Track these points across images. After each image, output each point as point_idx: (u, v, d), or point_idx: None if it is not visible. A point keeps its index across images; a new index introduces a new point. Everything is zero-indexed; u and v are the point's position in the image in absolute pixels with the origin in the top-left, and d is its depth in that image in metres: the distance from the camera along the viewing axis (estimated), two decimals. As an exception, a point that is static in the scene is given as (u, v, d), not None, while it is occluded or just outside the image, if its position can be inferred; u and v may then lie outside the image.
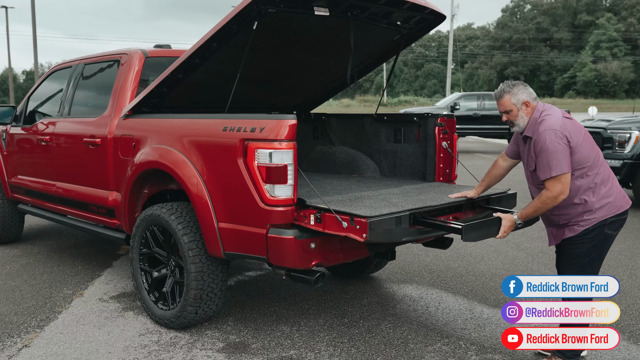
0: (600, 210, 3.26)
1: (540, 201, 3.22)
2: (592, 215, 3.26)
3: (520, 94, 3.34)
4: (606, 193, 3.27)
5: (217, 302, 3.92)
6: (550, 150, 3.15)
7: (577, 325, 3.18)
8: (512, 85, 3.37)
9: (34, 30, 34.91)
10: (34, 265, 5.68)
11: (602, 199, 3.26)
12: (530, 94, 3.36)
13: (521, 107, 3.34)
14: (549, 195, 3.18)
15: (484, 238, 3.50)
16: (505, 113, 3.40)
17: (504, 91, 3.37)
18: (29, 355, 3.69)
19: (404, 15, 4.32)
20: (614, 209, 3.29)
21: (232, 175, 3.50)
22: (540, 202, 3.22)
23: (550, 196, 3.17)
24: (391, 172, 4.95)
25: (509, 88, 3.36)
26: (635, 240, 6.69)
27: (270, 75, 4.91)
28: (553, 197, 3.17)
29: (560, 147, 3.14)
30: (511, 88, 3.36)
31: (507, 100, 3.36)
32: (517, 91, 3.35)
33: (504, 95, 3.37)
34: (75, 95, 5.31)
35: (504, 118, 3.42)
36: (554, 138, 3.15)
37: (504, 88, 3.38)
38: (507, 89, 3.36)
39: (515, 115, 3.36)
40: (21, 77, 76.09)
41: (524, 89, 3.36)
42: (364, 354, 3.69)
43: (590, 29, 69.54)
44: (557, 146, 3.14)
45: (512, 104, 3.34)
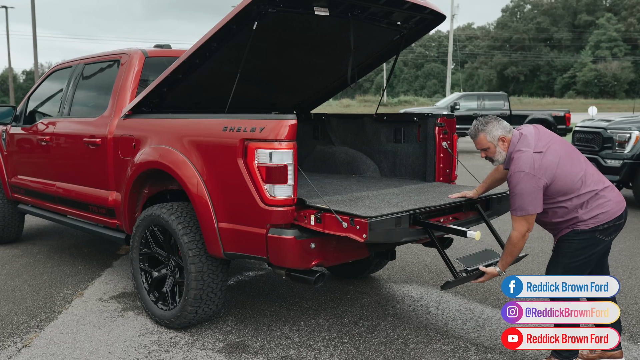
0: (591, 220, 3.23)
1: (511, 244, 3.27)
2: (583, 224, 3.24)
3: (495, 131, 3.35)
4: (597, 204, 3.23)
5: (217, 302, 3.92)
6: (517, 192, 3.18)
7: (568, 325, 3.17)
8: (485, 123, 3.38)
9: (34, 30, 34.91)
10: (34, 265, 5.68)
11: (593, 210, 3.22)
12: (504, 128, 3.37)
13: (497, 143, 3.36)
14: (516, 235, 3.23)
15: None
16: (482, 150, 3.43)
17: (478, 130, 3.39)
18: (29, 355, 3.69)
19: (404, 15, 4.32)
20: (607, 216, 3.25)
21: (232, 175, 3.50)
22: (511, 245, 3.27)
23: (518, 235, 3.22)
24: (391, 172, 4.95)
25: (482, 126, 3.38)
26: (635, 240, 6.69)
27: (270, 75, 4.91)
28: (521, 236, 3.22)
29: (527, 190, 3.15)
30: (485, 126, 3.37)
31: (483, 138, 3.38)
32: (491, 128, 3.36)
33: (479, 134, 3.39)
34: (75, 95, 5.31)
35: (482, 155, 3.46)
36: (522, 180, 3.16)
37: (478, 127, 3.39)
38: (481, 128, 3.38)
39: (493, 152, 3.39)
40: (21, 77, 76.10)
41: (497, 124, 3.37)
42: (364, 354, 3.69)
43: (590, 29, 69.53)
44: (525, 189, 3.15)
45: (489, 141, 3.37)
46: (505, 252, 3.35)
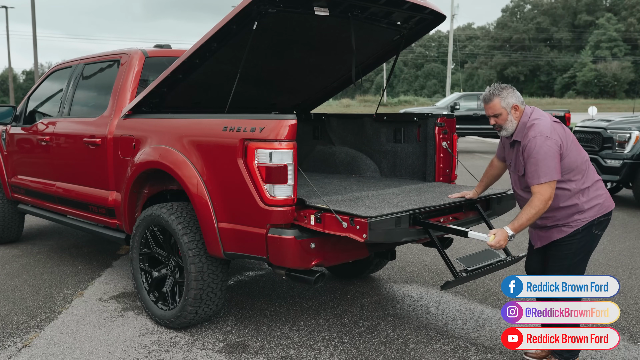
0: (590, 211, 3.24)
1: (532, 206, 3.14)
2: (581, 216, 3.24)
3: (510, 98, 3.29)
4: (595, 194, 3.27)
5: (217, 302, 3.92)
6: (540, 156, 3.13)
7: (564, 325, 3.17)
8: (501, 89, 3.33)
9: (34, 30, 34.91)
10: (34, 265, 5.68)
11: (592, 200, 3.25)
12: (518, 98, 3.32)
13: (510, 110, 3.29)
14: (540, 198, 3.12)
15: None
16: (493, 117, 3.35)
17: (493, 94, 3.31)
18: (29, 355, 3.69)
19: (404, 15, 4.32)
20: (602, 209, 3.28)
21: (232, 175, 3.50)
22: (531, 208, 3.14)
23: (542, 199, 3.12)
24: (391, 172, 4.95)
25: (498, 91, 3.31)
26: (635, 240, 6.69)
27: (270, 75, 4.91)
28: (545, 200, 3.12)
29: (550, 154, 3.12)
30: (500, 91, 3.31)
31: (497, 103, 3.30)
32: (506, 94, 3.30)
33: (493, 99, 3.31)
34: (75, 95, 5.31)
35: (492, 122, 3.37)
36: (545, 144, 3.13)
37: (493, 91, 3.33)
38: (497, 92, 3.31)
39: (504, 119, 3.31)
40: (21, 77, 76.09)
41: (512, 92, 3.32)
42: (364, 354, 3.69)
43: (590, 29, 69.53)
44: (548, 152, 3.12)
45: (502, 107, 3.30)
46: (521, 213, 3.18)
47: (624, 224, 7.59)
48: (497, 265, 3.58)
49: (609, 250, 6.22)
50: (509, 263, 3.66)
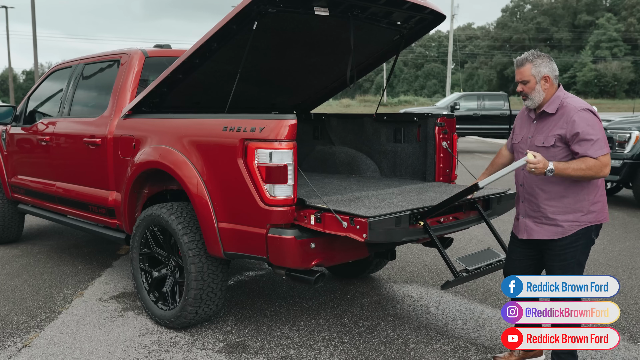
0: (591, 214, 3.17)
1: (587, 164, 2.96)
2: (584, 217, 3.16)
3: (543, 67, 3.11)
4: (600, 197, 3.20)
5: (217, 302, 3.92)
6: (597, 128, 3.00)
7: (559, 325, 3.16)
8: (536, 56, 3.13)
9: (34, 30, 34.91)
10: (34, 265, 5.68)
11: (597, 203, 3.18)
12: (553, 70, 3.13)
13: (540, 80, 3.11)
14: (598, 165, 2.96)
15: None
16: (521, 83, 3.16)
17: (526, 59, 3.13)
18: (29, 355, 3.69)
19: (404, 15, 4.33)
20: (601, 216, 3.20)
21: (232, 175, 3.50)
22: (586, 165, 2.96)
23: (600, 166, 2.96)
24: (391, 172, 4.95)
25: (532, 57, 3.13)
26: (635, 240, 6.69)
27: (270, 75, 4.91)
28: (601, 166, 2.97)
29: (599, 125, 3.02)
30: (535, 58, 3.12)
31: (528, 69, 3.12)
32: (540, 62, 3.11)
33: (525, 64, 3.13)
34: (75, 95, 5.31)
35: (519, 88, 3.18)
36: (592, 116, 3.03)
37: (527, 57, 3.14)
38: (531, 58, 3.13)
39: (532, 88, 3.13)
40: (21, 77, 76.09)
41: (548, 62, 3.13)
42: (364, 354, 3.69)
43: (590, 29, 69.52)
44: (597, 123, 3.01)
45: (532, 74, 3.11)
46: (573, 163, 3.00)
47: (624, 224, 7.59)
48: (497, 265, 3.58)
49: (609, 250, 6.22)
50: None
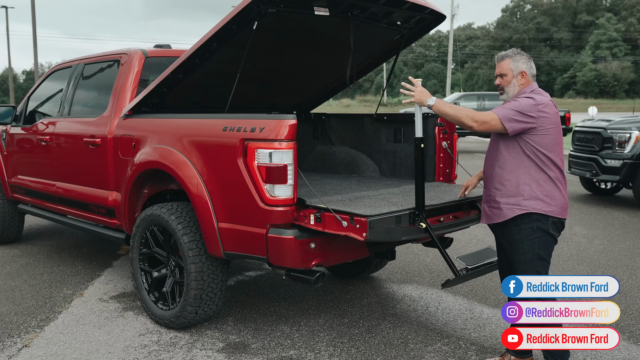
0: (535, 201, 3.15)
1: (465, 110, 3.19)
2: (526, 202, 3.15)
3: (521, 63, 3.27)
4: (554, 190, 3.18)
5: (217, 302, 3.92)
6: (515, 104, 3.13)
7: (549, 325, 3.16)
8: (516, 53, 3.31)
9: (34, 30, 34.91)
10: (34, 265, 5.68)
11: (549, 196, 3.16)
12: (530, 68, 3.28)
13: (517, 75, 3.26)
14: (482, 118, 3.14)
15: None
16: (499, 76, 3.32)
17: (507, 55, 3.31)
18: (29, 355, 3.69)
19: (404, 15, 4.32)
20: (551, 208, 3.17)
21: (232, 175, 3.50)
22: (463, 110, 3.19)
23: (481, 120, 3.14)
24: (391, 172, 4.95)
25: (512, 54, 3.31)
26: (635, 240, 6.69)
27: (270, 75, 4.91)
28: (480, 122, 3.14)
29: (522, 107, 3.10)
30: (515, 55, 3.30)
31: (506, 63, 3.29)
32: (519, 59, 3.28)
33: (505, 59, 3.30)
34: (75, 95, 5.31)
35: (497, 82, 3.34)
36: (527, 103, 3.12)
37: (508, 53, 3.32)
38: (511, 54, 3.30)
39: (508, 82, 3.28)
40: (21, 77, 76.10)
41: (527, 61, 3.29)
42: (364, 354, 3.69)
43: (590, 29, 69.52)
44: (522, 104, 3.11)
45: (510, 68, 3.27)
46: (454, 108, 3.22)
47: (624, 224, 7.59)
48: (497, 263, 3.58)
49: (609, 250, 6.22)
50: None
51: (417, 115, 3.42)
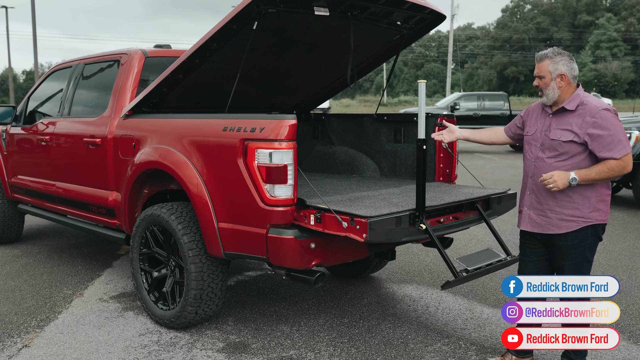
0: (597, 212, 3.17)
1: (608, 167, 3.03)
2: (591, 214, 3.16)
3: (561, 65, 3.15)
4: (607, 196, 3.21)
5: (217, 302, 3.92)
6: (618, 128, 3.05)
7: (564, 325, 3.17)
8: (557, 53, 3.18)
9: (34, 30, 34.91)
10: (34, 265, 5.68)
11: (603, 202, 3.19)
12: (571, 70, 3.16)
13: (555, 78, 3.15)
14: (621, 165, 3.03)
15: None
16: (538, 77, 3.22)
17: (546, 55, 3.19)
18: (29, 355, 3.69)
19: (404, 15, 4.33)
20: (606, 215, 3.22)
21: (232, 175, 3.50)
22: (607, 168, 3.03)
23: (622, 165, 3.03)
24: (391, 172, 4.95)
25: (552, 54, 3.18)
26: (635, 240, 6.69)
27: (270, 75, 4.91)
28: (624, 165, 3.03)
29: (622, 129, 3.06)
30: (555, 55, 3.17)
31: (545, 65, 3.17)
32: (559, 60, 3.15)
33: (544, 59, 3.19)
34: (75, 95, 5.31)
35: (535, 83, 3.24)
36: (612, 116, 3.06)
37: (548, 53, 3.20)
38: (550, 55, 3.18)
39: (546, 85, 3.17)
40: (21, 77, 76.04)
41: (568, 61, 3.17)
42: (364, 354, 3.69)
43: (590, 29, 69.50)
44: (618, 124, 3.05)
45: (548, 70, 3.16)
46: (595, 167, 3.06)
47: (624, 224, 7.59)
48: (497, 265, 3.58)
49: (609, 250, 6.22)
50: (509, 263, 3.66)
51: (420, 116, 3.42)
